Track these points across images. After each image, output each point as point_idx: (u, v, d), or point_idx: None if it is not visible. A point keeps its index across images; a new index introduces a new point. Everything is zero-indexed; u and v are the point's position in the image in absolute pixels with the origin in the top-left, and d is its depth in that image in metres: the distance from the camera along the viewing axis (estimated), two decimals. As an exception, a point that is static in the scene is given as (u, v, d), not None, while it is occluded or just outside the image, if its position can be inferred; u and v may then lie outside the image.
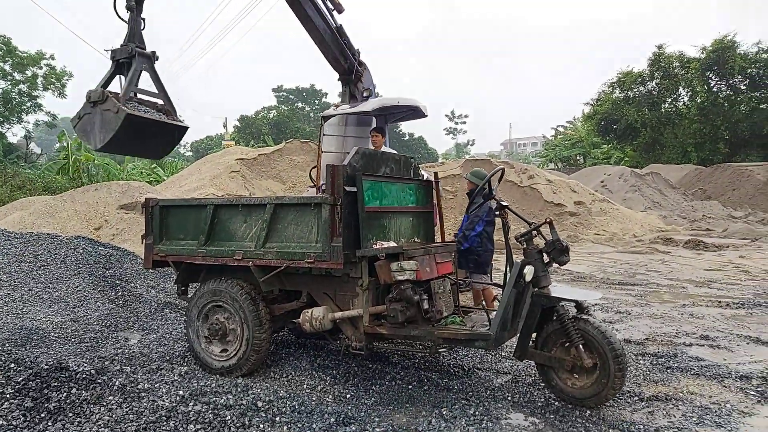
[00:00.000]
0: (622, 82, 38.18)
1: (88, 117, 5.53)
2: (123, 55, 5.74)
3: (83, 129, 5.60)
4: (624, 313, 6.97)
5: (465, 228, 5.92)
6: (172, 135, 5.80)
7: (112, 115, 5.28)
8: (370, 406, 4.23)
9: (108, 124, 5.31)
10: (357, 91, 7.40)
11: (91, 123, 5.48)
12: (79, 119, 5.60)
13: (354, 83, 7.41)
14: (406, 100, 6.83)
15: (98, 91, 5.41)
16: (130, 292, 7.68)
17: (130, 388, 4.15)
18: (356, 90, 7.42)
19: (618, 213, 18.10)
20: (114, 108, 5.28)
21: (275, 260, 4.54)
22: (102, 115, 5.36)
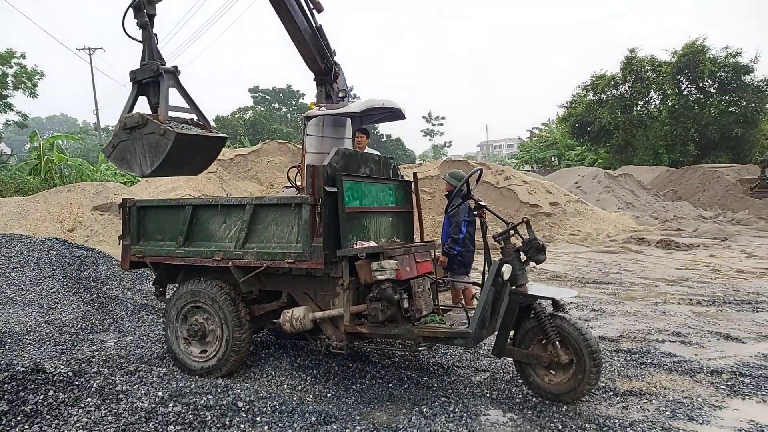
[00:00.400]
0: (596, 85, 38.80)
1: (126, 144, 5.20)
2: (147, 74, 5.39)
3: (122, 158, 5.25)
4: (599, 311, 7.11)
5: (452, 232, 5.98)
6: (215, 148, 5.53)
7: (158, 138, 4.97)
8: (350, 404, 4.26)
9: (155, 147, 4.99)
10: (332, 92, 7.41)
11: (132, 150, 5.16)
12: (113, 148, 5.26)
13: (330, 84, 7.43)
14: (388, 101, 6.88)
15: (135, 117, 5.06)
16: (106, 294, 7.58)
17: (108, 390, 4.11)
18: (332, 90, 7.44)
19: (592, 213, 18.39)
20: (159, 130, 4.97)
21: (255, 260, 4.54)
22: (145, 139, 5.04)
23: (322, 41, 7.01)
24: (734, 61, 33.80)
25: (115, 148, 5.25)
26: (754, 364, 4.97)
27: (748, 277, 9.88)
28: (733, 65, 33.71)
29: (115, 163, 5.38)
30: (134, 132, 5.09)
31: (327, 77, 7.25)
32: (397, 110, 6.86)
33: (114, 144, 5.25)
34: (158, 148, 4.97)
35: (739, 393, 4.33)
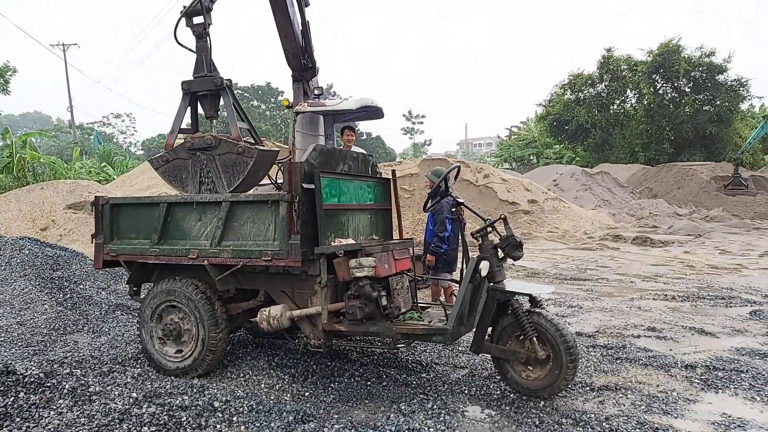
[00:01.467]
0: (573, 84, 39.25)
1: (182, 163, 5.09)
2: (207, 87, 5.20)
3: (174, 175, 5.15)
4: (576, 307, 7.17)
5: (437, 230, 5.99)
6: (272, 161, 5.35)
7: (234, 158, 4.86)
8: (329, 403, 4.24)
9: (233, 167, 4.88)
10: (309, 89, 7.39)
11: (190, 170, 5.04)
12: (166, 162, 5.16)
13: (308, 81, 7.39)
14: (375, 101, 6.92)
15: (208, 138, 4.91)
16: (79, 294, 7.44)
17: (80, 391, 4.04)
18: (308, 87, 7.41)
19: (569, 211, 18.59)
20: (234, 150, 4.85)
21: (231, 259, 4.48)
22: (218, 160, 4.92)
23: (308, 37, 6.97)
24: (708, 60, 34.45)
25: (168, 163, 5.15)
26: (727, 358, 5.05)
27: (722, 272, 10.06)
28: (707, 65, 34.36)
29: (164, 178, 5.26)
30: (204, 152, 4.97)
31: (306, 74, 7.21)
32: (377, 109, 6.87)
33: (167, 159, 5.14)
34: (236, 167, 4.87)
35: (712, 387, 4.40)
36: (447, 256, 6.06)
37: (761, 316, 6.55)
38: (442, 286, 6.24)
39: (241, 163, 4.86)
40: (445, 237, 6.00)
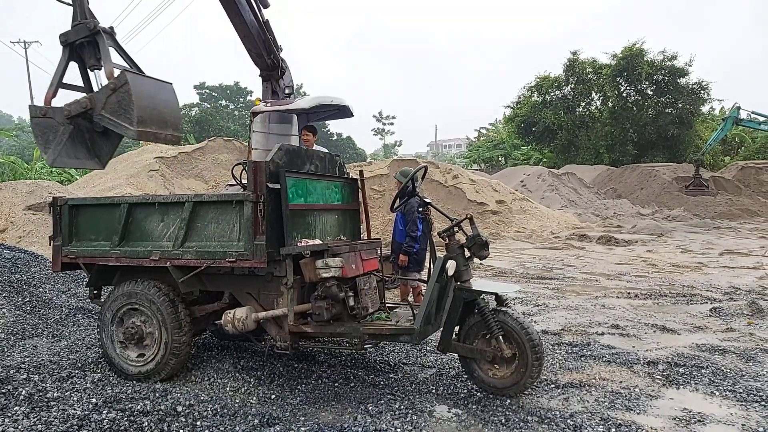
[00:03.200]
0: (540, 86, 39.83)
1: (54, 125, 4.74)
2: (82, 34, 4.81)
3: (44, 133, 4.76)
4: (542, 306, 7.26)
5: (409, 230, 5.98)
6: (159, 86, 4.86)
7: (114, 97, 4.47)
8: (295, 405, 4.19)
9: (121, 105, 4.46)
10: (279, 88, 7.32)
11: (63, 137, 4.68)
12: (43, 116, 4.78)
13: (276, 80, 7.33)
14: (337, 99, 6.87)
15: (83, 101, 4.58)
16: (39, 297, 7.21)
17: (38, 398, 3.92)
18: (278, 87, 7.34)
19: (536, 211, 18.85)
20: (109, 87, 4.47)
21: (195, 260, 4.39)
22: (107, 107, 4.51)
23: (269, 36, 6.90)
24: (670, 64, 35.34)
25: (43, 117, 4.78)
26: (688, 354, 5.17)
27: (683, 271, 10.32)
28: (670, 68, 35.25)
29: (34, 130, 4.89)
30: (79, 120, 4.68)
31: (273, 73, 7.14)
32: (345, 108, 6.83)
33: (45, 113, 4.78)
34: (122, 103, 4.48)
35: (674, 383, 4.49)
36: (418, 255, 6.07)
37: (721, 313, 6.73)
38: (411, 285, 6.24)
39: (122, 96, 4.48)
40: (417, 236, 6.01)
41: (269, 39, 6.93)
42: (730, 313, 6.71)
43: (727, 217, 22.86)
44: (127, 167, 17.78)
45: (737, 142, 40.55)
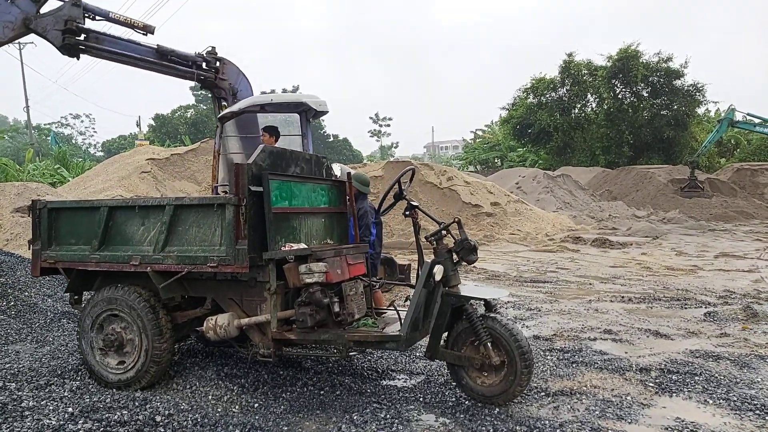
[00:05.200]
0: (536, 88, 39.79)
1: None
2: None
3: None
4: (535, 310, 7.16)
5: (363, 234, 5.89)
6: None
7: None
8: (278, 414, 4.08)
9: None
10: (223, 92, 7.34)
11: None
12: None
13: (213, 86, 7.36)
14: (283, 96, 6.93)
15: None
16: (24, 301, 7.09)
17: (12, 407, 3.82)
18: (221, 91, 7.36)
19: (531, 213, 18.77)
20: None
21: (176, 265, 4.28)
22: None
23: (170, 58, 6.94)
24: (666, 66, 35.34)
25: None
26: (682, 360, 5.08)
27: (678, 274, 10.24)
28: (665, 70, 35.25)
29: None
30: None
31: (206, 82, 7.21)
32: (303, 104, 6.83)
33: None
34: None
35: (666, 390, 4.39)
36: (373, 260, 5.97)
37: (715, 318, 6.64)
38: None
39: None
40: (371, 241, 5.92)
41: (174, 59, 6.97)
42: (725, 317, 6.62)
43: (722, 219, 22.82)
44: (118, 169, 17.63)
45: (732, 144, 40.60)
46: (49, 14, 6.56)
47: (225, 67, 7.34)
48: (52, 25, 6.50)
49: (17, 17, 6.40)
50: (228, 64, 7.37)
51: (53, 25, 6.50)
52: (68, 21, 6.52)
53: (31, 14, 6.46)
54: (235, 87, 7.37)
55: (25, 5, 6.45)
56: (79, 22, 6.60)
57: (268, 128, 6.81)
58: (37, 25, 6.47)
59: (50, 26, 6.50)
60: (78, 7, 6.59)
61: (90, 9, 6.70)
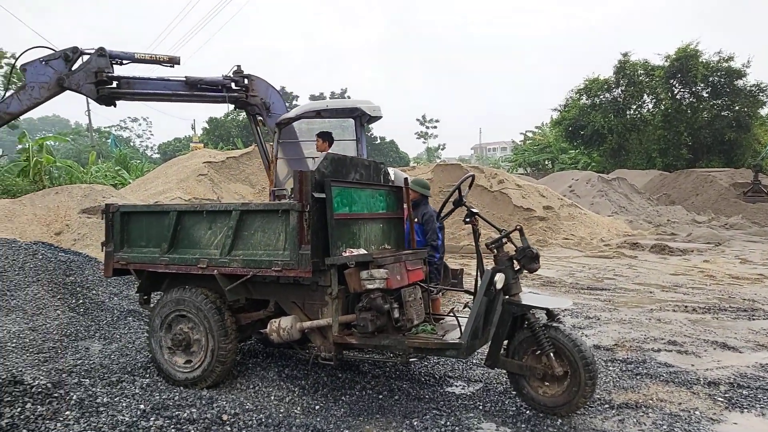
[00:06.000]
0: (589, 88, 38.91)
1: None
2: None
3: None
4: (593, 319, 7.01)
5: (429, 239, 5.89)
6: None
7: None
8: (339, 417, 4.14)
9: None
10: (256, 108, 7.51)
11: None
12: None
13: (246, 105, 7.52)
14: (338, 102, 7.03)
15: None
16: (92, 299, 7.42)
17: (88, 402, 3.98)
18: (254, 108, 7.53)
19: (585, 218, 18.34)
20: None
21: (241, 268, 4.41)
22: None
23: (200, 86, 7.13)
24: (727, 65, 33.97)
25: None
26: (752, 375, 4.88)
27: (743, 283, 9.82)
28: (726, 69, 33.88)
29: None
30: None
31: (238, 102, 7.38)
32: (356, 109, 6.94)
33: None
34: None
35: (737, 406, 4.23)
36: (438, 265, 5.97)
37: (786, 330, 6.34)
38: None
39: None
40: (439, 245, 5.91)
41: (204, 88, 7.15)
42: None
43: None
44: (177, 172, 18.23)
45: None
46: (80, 69, 6.91)
47: (253, 84, 7.52)
48: (84, 80, 6.87)
49: (51, 78, 6.80)
50: (256, 79, 7.55)
51: (85, 80, 6.87)
52: (98, 72, 6.86)
53: (64, 73, 6.81)
54: (267, 101, 7.55)
55: (58, 65, 6.83)
56: (109, 71, 6.92)
57: (323, 134, 6.92)
58: (70, 83, 6.83)
59: (83, 81, 6.86)
60: (104, 57, 6.93)
61: (115, 56, 7.02)
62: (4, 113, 6.68)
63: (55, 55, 6.73)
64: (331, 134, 6.97)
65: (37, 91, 6.72)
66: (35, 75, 6.73)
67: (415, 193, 5.97)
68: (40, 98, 6.77)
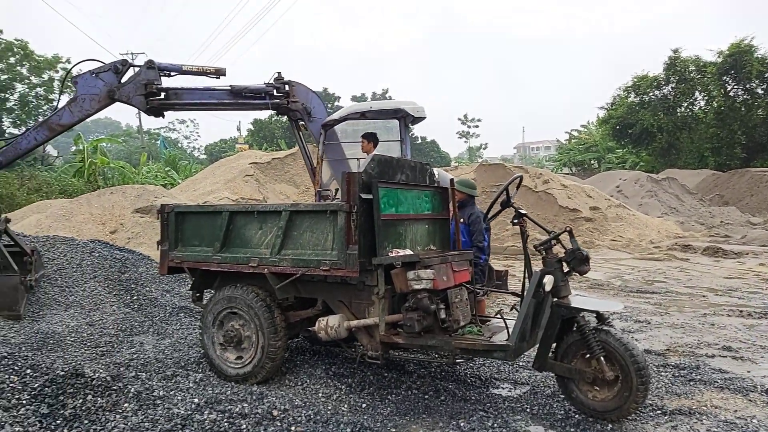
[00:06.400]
0: (638, 86, 37.88)
1: None
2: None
3: None
4: (643, 323, 6.85)
5: (475, 240, 5.87)
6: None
7: None
8: (386, 416, 4.17)
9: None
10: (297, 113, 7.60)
11: None
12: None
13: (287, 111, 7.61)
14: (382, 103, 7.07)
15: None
16: (145, 296, 7.69)
17: (145, 396, 4.12)
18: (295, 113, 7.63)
19: (634, 219, 17.88)
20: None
21: (290, 267, 4.50)
22: None
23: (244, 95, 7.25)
24: (785, 61, 32.51)
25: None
26: (813, 383, 4.68)
27: (803, 287, 9.40)
28: (783, 65, 32.43)
29: None
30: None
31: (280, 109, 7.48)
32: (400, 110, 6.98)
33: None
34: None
35: (797, 415, 4.07)
36: (483, 267, 5.92)
37: None
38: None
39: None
40: (485, 247, 5.86)
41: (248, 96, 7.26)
42: None
43: None
44: (224, 172, 18.67)
45: None
46: (129, 82, 7.08)
47: (294, 89, 7.62)
48: (134, 92, 7.03)
49: (102, 90, 6.97)
50: (296, 85, 7.65)
51: (135, 92, 7.03)
52: (147, 84, 7.02)
53: (114, 86, 7.01)
54: (308, 106, 7.65)
55: (108, 77, 7.00)
56: (158, 83, 7.09)
57: (368, 135, 6.98)
58: (120, 95, 7.03)
59: (132, 93, 7.04)
60: (153, 69, 7.09)
61: (164, 68, 7.19)
62: (57, 125, 6.93)
63: (105, 68, 6.95)
64: (376, 135, 7.03)
65: (87, 103, 6.96)
66: (86, 87, 6.97)
67: (461, 193, 5.96)
68: (90, 110, 7.01)
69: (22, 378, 3.89)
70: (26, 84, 32.91)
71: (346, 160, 7.69)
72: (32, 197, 18.89)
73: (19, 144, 7.02)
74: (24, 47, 31.86)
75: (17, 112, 33.20)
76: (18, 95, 32.91)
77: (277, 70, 7.64)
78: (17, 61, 32.09)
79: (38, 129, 7.03)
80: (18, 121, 33.49)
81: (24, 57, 31.94)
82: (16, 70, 32.30)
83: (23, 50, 31.84)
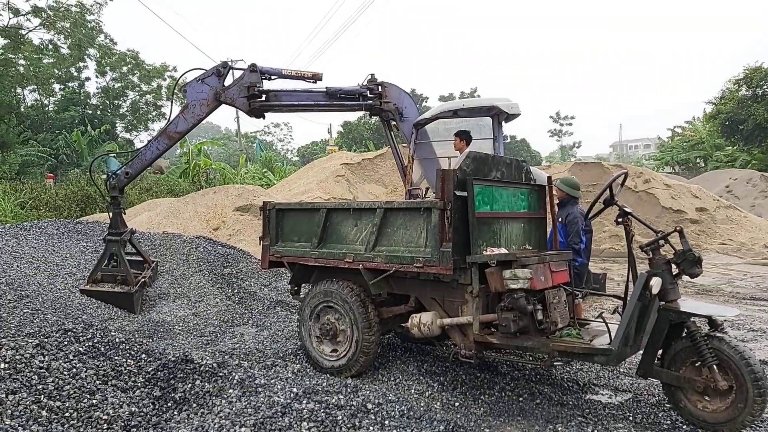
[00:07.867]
0: (750, 78, 35.01)
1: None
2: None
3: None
4: (758, 332, 6.33)
5: (572, 242, 5.67)
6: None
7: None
8: (479, 416, 4.13)
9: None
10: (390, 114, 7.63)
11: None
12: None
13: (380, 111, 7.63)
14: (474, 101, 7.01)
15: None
16: (245, 289, 8.07)
17: (248, 383, 4.31)
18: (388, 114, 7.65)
19: (746, 221, 16.54)
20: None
21: (384, 264, 4.56)
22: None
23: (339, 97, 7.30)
24: None
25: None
26: None
27: None
28: None
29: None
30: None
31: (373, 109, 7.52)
32: (494, 108, 6.87)
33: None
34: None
35: None
36: (580, 270, 5.68)
37: None
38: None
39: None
40: (582, 249, 5.62)
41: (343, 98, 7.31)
42: None
43: None
44: (316, 173, 19.19)
45: None
46: (233, 85, 7.48)
47: (386, 90, 7.68)
48: (237, 94, 7.42)
49: (209, 94, 7.44)
50: (388, 86, 7.71)
51: (238, 94, 7.42)
52: (250, 87, 7.38)
53: (219, 88, 7.41)
54: (400, 106, 7.70)
55: (213, 81, 7.45)
56: (260, 86, 7.43)
57: (461, 132, 6.95)
58: (225, 97, 7.43)
59: (236, 95, 7.43)
60: (255, 72, 7.44)
61: (265, 71, 7.51)
62: (174, 133, 7.45)
63: (208, 73, 7.40)
64: (469, 133, 6.98)
65: (198, 108, 7.43)
66: (194, 93, 7.45)
67: (561, 192, 5.79)
68: (201, 114, 7.49)
69: (138, 362, 4.20)
70: (137, 91, 35.55)
71: (436, 159, 7.70)
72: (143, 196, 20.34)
73: (144, 155, 7.62)
74: (135, 57, 34.48)
75: (129, 118, 35.94)
76: (130, 102, 35.62)
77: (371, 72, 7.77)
78: (129, 70, 34.76)
79: (158, 139, 7.60)
80: (130, 126, 36.24)
81: (135, 66, 34.57)
82: (128, 79, 35.01)
83: (135, 60, 34.47)
